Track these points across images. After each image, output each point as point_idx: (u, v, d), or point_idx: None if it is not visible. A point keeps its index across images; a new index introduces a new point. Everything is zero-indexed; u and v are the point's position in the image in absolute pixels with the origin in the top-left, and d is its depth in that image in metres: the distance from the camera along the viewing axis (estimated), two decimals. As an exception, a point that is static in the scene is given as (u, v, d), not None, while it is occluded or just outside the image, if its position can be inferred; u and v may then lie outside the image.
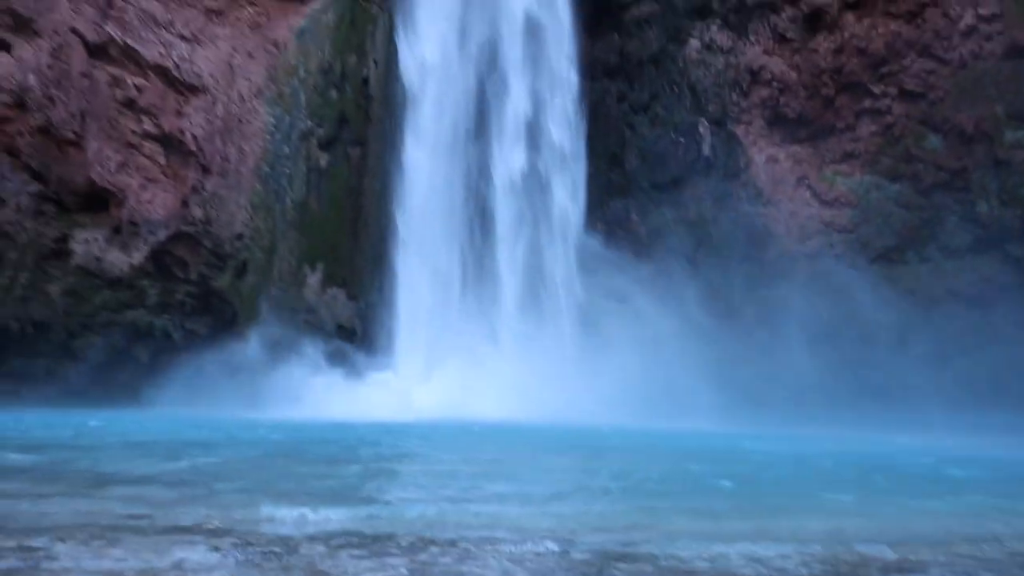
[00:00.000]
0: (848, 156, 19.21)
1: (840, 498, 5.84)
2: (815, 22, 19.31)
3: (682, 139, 19.86)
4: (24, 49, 16.52)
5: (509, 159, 19.30)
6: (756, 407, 16.15)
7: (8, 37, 16.44)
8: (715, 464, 8.09)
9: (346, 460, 8.43)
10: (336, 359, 17.98)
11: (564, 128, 19.59)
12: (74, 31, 16.84)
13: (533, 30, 19.57)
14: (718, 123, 19.82)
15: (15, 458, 7.74)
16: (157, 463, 7.66)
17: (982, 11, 17.70)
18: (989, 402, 16.76)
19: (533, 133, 19.40)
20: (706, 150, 19.71)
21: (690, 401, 15.89)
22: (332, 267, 18.67)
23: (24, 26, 16.43)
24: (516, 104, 19.33)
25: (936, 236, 18.20)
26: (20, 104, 16.53)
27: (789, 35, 19.52)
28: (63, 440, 10.16)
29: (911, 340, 17.52)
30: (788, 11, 19.41)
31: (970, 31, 17.89)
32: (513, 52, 19.38)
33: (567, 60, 19.83)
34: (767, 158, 19.60)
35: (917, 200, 18.42)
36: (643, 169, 20.06)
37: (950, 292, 17.68)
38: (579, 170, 19.66)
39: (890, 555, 3.69)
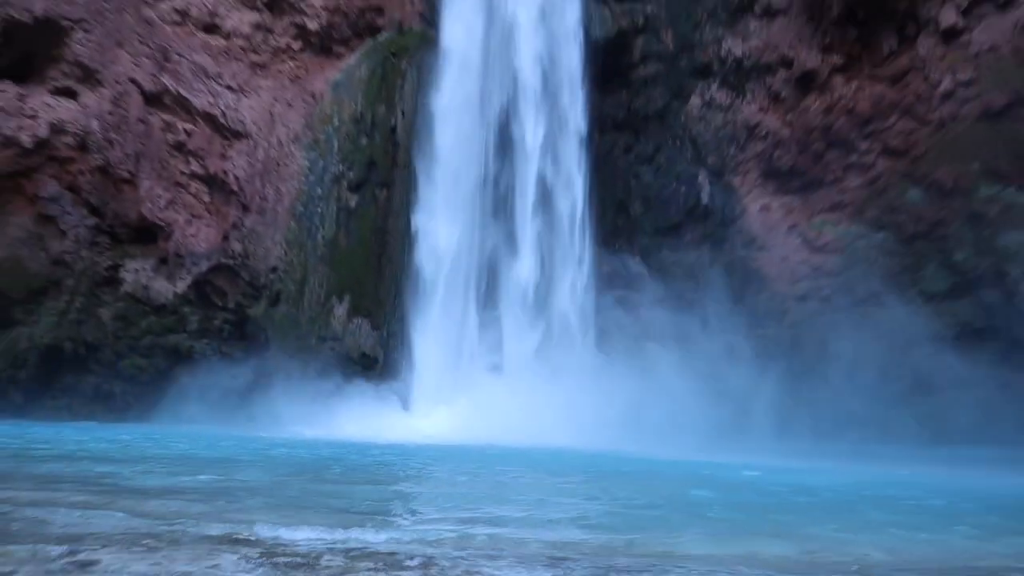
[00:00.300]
0: (836, 207, 19.25)
1: (820, 527, 5.78)
2: (807, 83, 19.50)
3: (683, 188, 19.96)
4: (89, 97, 16.98)
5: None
6: (743, 435, 16.08)
7: (75, 86, 16.93)
8: (716, 491, 8.01)
9: (364, 480, 8.43)
10: (359, 384, 18.01)
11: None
12: (133, 81, 17.31)
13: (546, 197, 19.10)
14: (717, 174, 19.95)
15: (60, 468, 7.83)
16: (188, 477, 7.69)
17: (959, 76, 17.77)
18: (967, 437, 16.68)
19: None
20: (705, 198, 19.81)
21: (688, 428, 15.87)
22: (358, 299, 18.69)
23: (90, 76, 16.91)
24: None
25: (917, 282, 18.12)
26: (83, 146, 16.95)
27: (783, 95, 19.69)
28: (104, 453, 10.22)
29: (890, 377, 17.46)
30: (782, 73, 19.59)
31: (948, 94, 17.95)
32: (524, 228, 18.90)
33: (579, 234, 19.28)
34: (761, 207, 19.68)
35: (899, 248, 18.40)
36: (647, 215, 20.13)
37: (928, 334, 17.58)
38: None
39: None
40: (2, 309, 16.87)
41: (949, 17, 17.70)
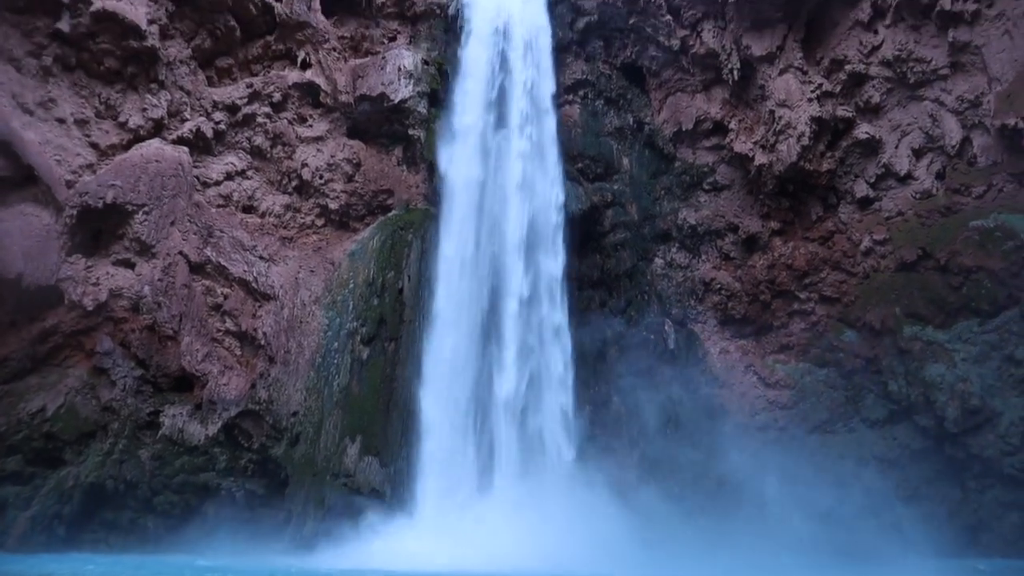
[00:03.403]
0: (784, 348, 21.39)
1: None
2: (751, 245, 22.16)
3: (652, 336, 21.86)
4: (144, 267, 19.25)
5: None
6: (709, 553, 17.43)
7: (134, 258, 19.27)
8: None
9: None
10: (370, 517, 19.33)
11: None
12: (181, 253, 19.55)
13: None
14: (680, 323, 22.12)
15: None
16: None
17: (875, 236, 20.43)
18: (918, 549, 18.12)
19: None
20: (671, 344, 21.72)
21: (662, 552, 17.28)
22: (368, 439, 19.98)
23: (146, 250, 19.27)
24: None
25: (859, 411, 19.84)
26: (135, 308, 19.12)
27: (732, 255, 22.35)
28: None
29: (844, 497, 19.09)
30: (730, 236, 22.40)
31: (868, 251, 20.55)
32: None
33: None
34: (720, 350, 21.80)
35: (841, 382, 20.27)
36: (622, 360, 21.76)
37: (874, 456, 19.33)
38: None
39: None
40: (55, 450, 18.70)
41: (861, 189, 20.82)
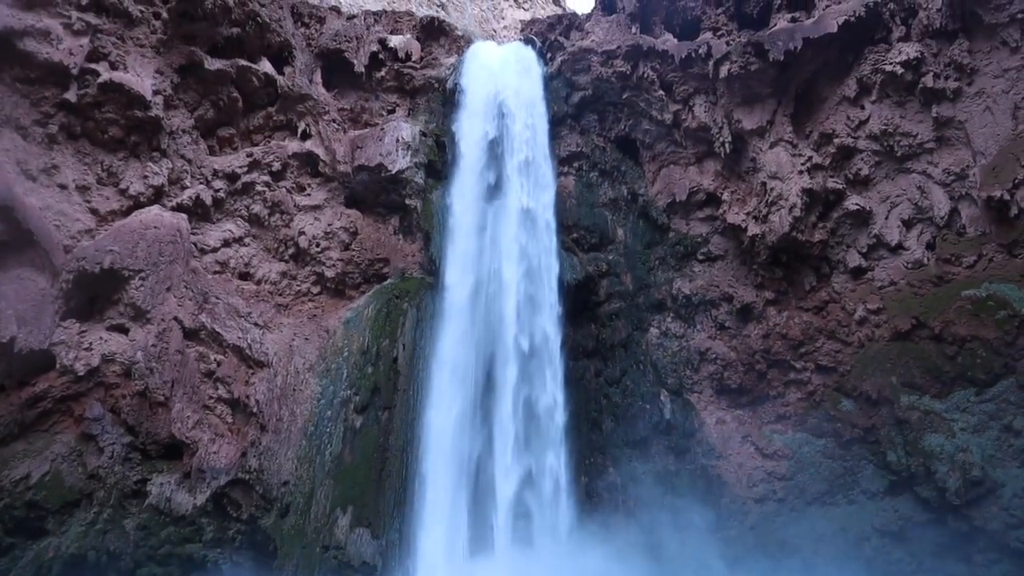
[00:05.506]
0: (781, 417, 21.19)
1: None
2: (746, 314, 22.20)
3: (647, 406, 21.71)
4: (137, 333, 19.19)
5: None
6: None
7: (128, 323, 19.21)
8: None
9: None
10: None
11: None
12: (176, 319, 19.50)
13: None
14: (676, 393, 21.96)
15: None
16: None
17: (869, 306, 20.52)
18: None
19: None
20: (667, 414, 21.52)
21: None
22: (360, 510, 19.60)
23: (141, 316, 19.23)
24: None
25: (859, 482, 19.52)
26: (127, 373, 18.94)
27: (727, 324, 22.38)
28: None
29: (846, 571, 18.63)
30: (725, 306, 22.48)
31: (863, 320, 20.63)
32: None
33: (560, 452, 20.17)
34: (716, 420, 21.60)
35: (840, 452, 20.00)
36: (617, 430, 21.67)
37: (876, 529, 18.93)
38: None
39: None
40: (37, 520, 18.20)
41: (853, 259, 21.03)
